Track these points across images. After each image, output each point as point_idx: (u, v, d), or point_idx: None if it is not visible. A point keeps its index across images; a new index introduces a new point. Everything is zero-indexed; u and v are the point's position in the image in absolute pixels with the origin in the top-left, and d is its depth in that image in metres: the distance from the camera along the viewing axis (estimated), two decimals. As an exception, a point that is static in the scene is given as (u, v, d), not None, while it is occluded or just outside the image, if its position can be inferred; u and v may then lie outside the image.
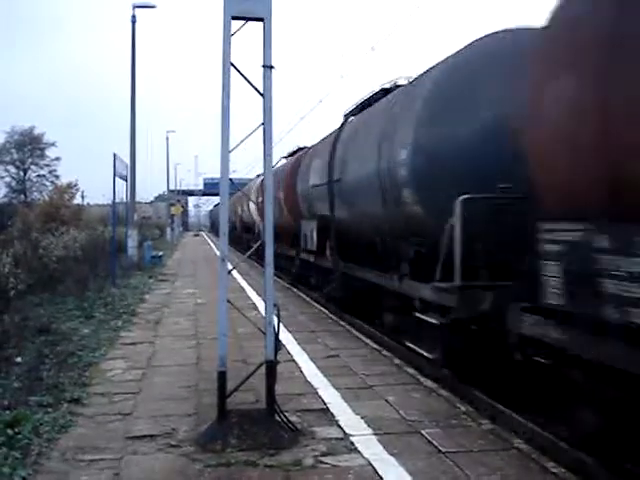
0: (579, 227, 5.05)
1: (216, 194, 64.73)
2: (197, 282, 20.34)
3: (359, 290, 12.92)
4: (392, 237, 10.51)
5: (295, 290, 18.45)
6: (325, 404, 6.89)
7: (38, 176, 66.43)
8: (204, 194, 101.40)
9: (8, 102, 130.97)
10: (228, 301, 6.14)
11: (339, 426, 6.18)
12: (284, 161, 24.75)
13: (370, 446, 5.64)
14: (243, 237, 36.54)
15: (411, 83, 10.48)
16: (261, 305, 9.66)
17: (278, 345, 6.21)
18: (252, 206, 29.95)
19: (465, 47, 8.74)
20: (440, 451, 5.49)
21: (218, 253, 6.46)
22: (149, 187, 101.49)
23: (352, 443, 5.72)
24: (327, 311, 13.97)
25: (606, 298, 4.64)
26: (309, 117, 43.13)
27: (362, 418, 6.38)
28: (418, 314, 8.82)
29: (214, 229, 73.73)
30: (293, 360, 8.90)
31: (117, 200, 21.55)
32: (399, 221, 9.70)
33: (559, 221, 5.34)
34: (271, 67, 6.13)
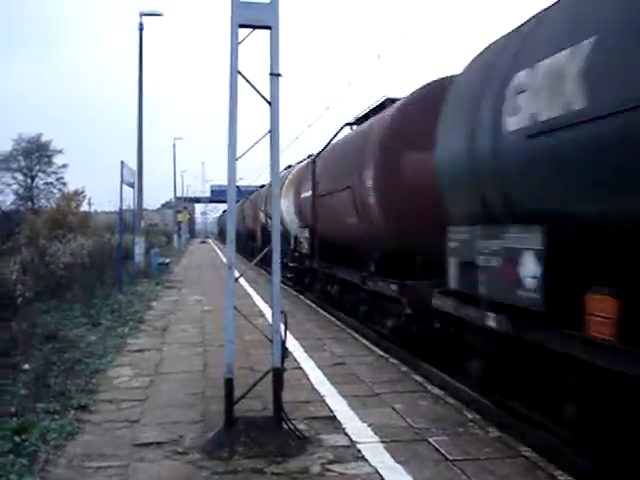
0: None
1: (223, 201, 64.80)
2: (204, 289, 20.34)
3: None
4: None
5: (302, 297, 18.43)
6: (332, 412, 6.88)
7: (45, 183, 66.62)
8: (211, 201, 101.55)
9: (15, 109, 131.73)
10: (235, 308, 6.15)
11: (346, 434, 6.16)
12: (348, 130, 15.47)
13: (377, 454, 5.63)
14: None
15: None
16: (268, 312, 9.67)
17: (285, 352, 6.21)
18: (284, 209, 20.01)
19: None
20: (447, 459, 5.47)
21: (225, 260, 6.47)
22: (156, 194, 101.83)
23: (359, 451, 5.71)
24: (335, 319, 13.97)
25: None
26: (316, 124, 42.96)
27: (369, 426, 6.37)
28: None
29: (222, 236, 70.47)
30: (300, 367, 8.89)
31: (124, 207, 21.61)
32: None
33: None
34: (278, 75, 6.15)
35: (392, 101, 12.59)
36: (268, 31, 6.14)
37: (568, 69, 5.29)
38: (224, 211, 75.25)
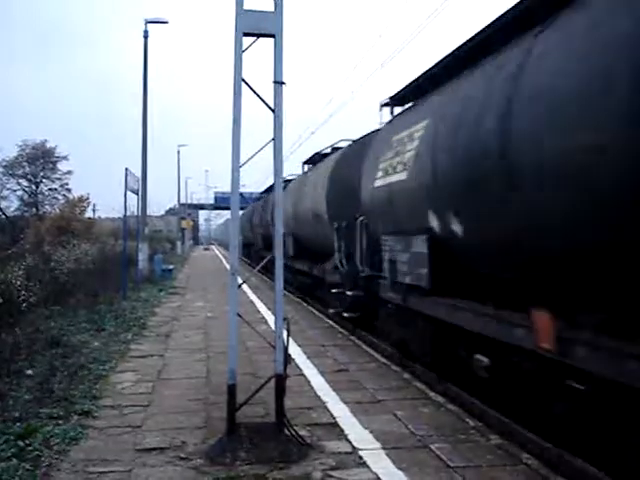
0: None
1: (227, 208, 64.81)
2: (207, 296, 20.37)
3: None
4: None
5: (305, 304, 18.45)
6: (334, 418, 6.90)
7: (50, 189, 66.53)
8: (215, 208, 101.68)
9: (19, 115, 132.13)
10: (238, 315, 6.18)
11: (348, 440, 6.18)
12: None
13: (379, 460, 5.64)
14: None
15: None
16: (271, 319, 9.68)
17: (287, 359, 6.24)
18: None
19: None
20: (449, 466, 5.48)
21: (228, 267, 6.51)
22: (160, 201, 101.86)
23: (361, 457, 5.73)
24: (338, 327, 13.99)
25: None
26: (320, 131, 42.90)
27: (371, 432, 6.38)
28: None
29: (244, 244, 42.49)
30: (302, 374, 8.90)
31: (128, 214, 21.68)
32: None
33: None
34: (282, 83, 6.20)
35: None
36: (272, 39, 6.20)
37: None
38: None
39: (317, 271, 17.50)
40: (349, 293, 12.85)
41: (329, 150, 18.82)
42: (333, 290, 14.18)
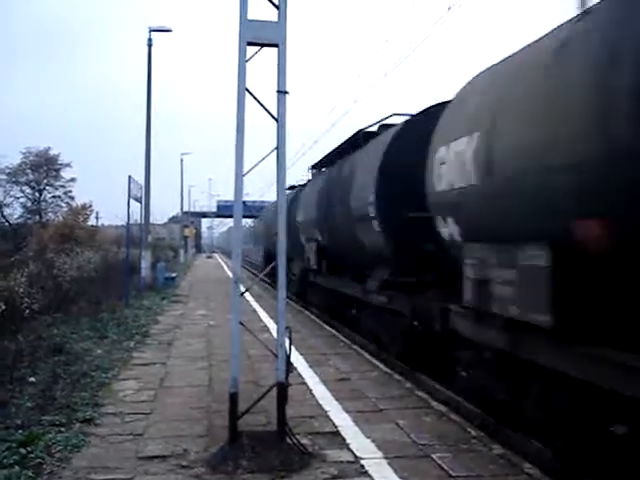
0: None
1: (230, 216, 64.85)
2: (210, 304, 20.37)
3: None
4: None
5: (307, 313, 18.45)
6: (336, 427, 6.89)
7: (53, 197, 66.61)
8: (217, 216, 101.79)
9: (21, 123, 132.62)
10: (241, 323, 6.18)
11: (350, 449, 6.17)
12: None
13: (381, 470, 5.63)
14: None
15: None
16: (273, 327, 9.66)
17: (289, 367, 6.24)
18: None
19: None
20: (450, 475, 5.47)
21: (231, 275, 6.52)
22: (163, 208, 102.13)
23: (363, 466, 5.72)
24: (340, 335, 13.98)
25: None
26: (322, 140, 42.83)
27: (373, 441, 6.37)
28: None
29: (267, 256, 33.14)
30: (304, 383, 8.90)
31: (131, 221, 21.73)
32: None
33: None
34: (285, 92, 6.22)
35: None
36: (275, 49, 6.23)
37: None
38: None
39: None
40: None
41: None
42: None
